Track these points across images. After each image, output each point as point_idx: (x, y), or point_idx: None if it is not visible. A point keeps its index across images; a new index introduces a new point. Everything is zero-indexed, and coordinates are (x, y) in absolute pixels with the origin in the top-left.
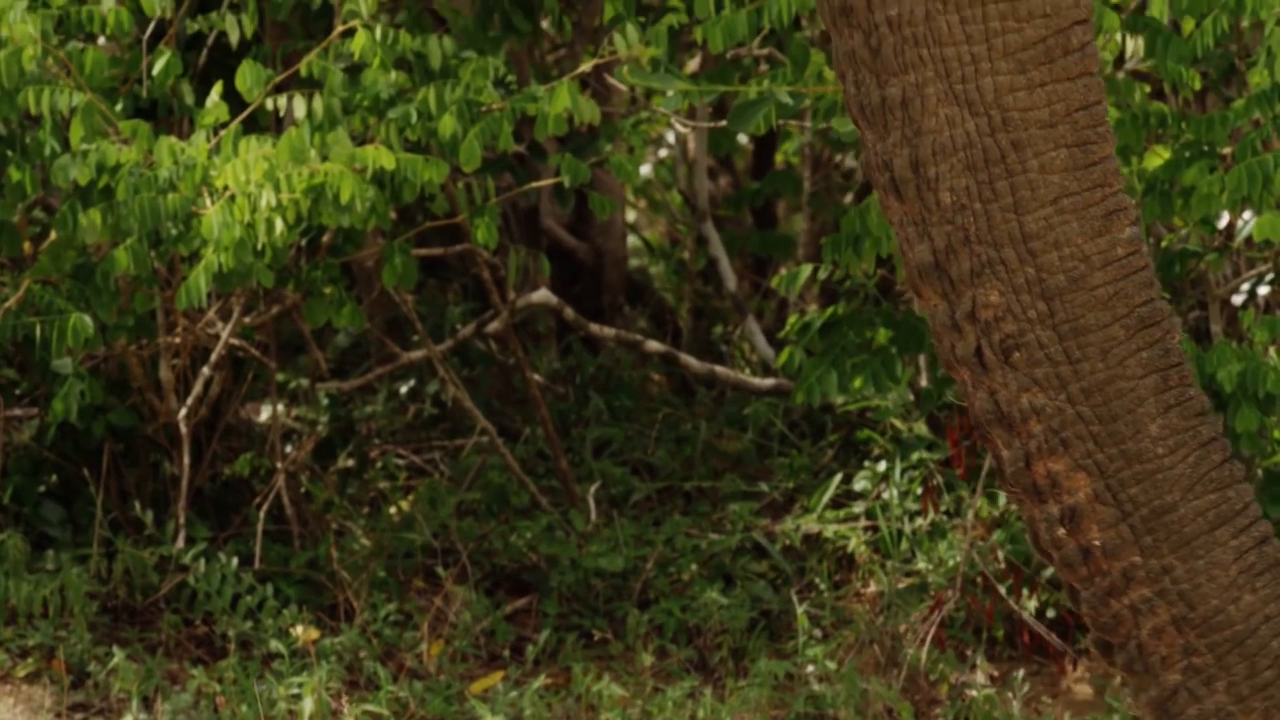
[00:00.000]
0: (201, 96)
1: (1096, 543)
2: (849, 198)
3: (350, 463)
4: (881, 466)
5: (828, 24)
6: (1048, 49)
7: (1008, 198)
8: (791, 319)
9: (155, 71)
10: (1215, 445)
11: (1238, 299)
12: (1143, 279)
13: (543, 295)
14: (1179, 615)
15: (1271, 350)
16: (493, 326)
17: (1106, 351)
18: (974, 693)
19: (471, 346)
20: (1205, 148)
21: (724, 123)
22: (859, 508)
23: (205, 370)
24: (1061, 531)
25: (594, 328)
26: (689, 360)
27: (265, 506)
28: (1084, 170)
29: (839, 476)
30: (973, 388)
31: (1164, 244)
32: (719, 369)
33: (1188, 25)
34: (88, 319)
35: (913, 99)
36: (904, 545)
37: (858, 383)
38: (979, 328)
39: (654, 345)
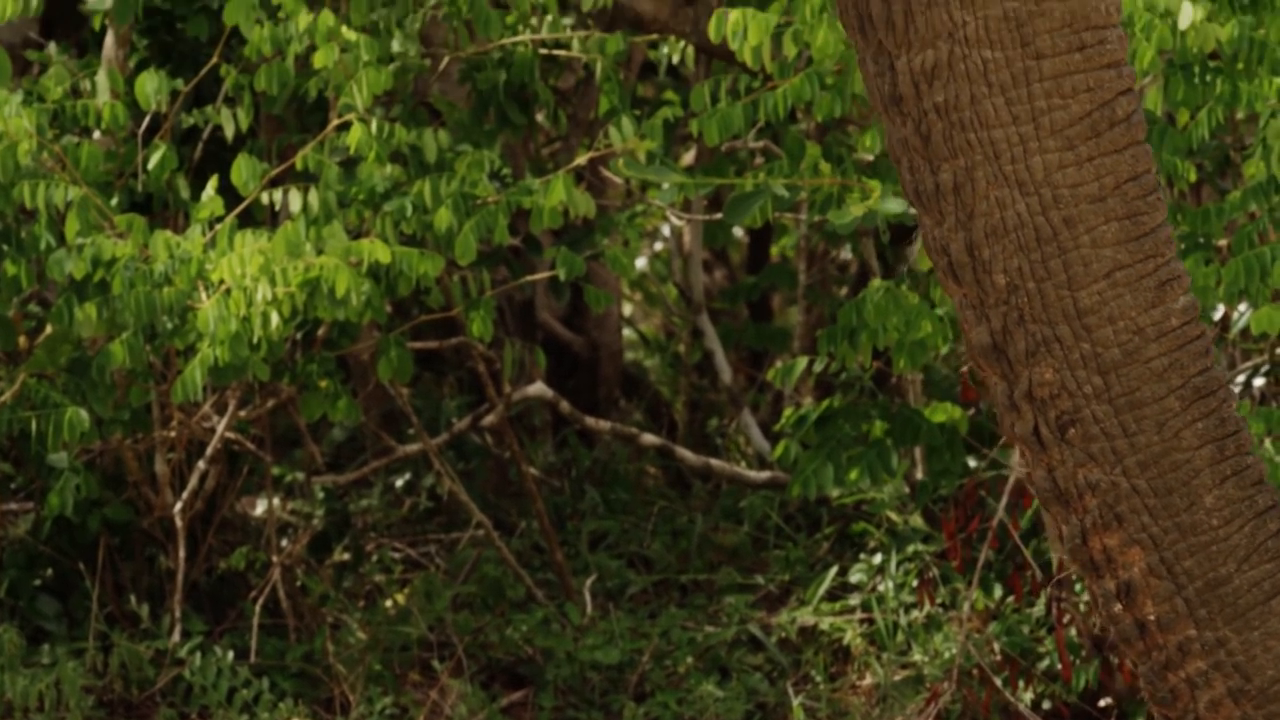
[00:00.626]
0: (197, 190)
1: (1151, 617)
2: (844, 290)
3: (346, 556)
4: (877, 559)
5: (880, 113)
6: (1094, 123)
7: (1061, 275)
8: (787, 412)
9: (150, 166)
10: (1272, 514)
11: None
12: (1197, 348)
13: (538, 388)
14: (1235, 687)
15: (1267, 442)
16: (488, 420)
17: (1162, 424)
18: None
19: (467, 440)
20: (1201, 240)
21: (719, 215)
22: (855, 600)
23: (201, 464)
24: (1118, 607)
25: (589, 421)
26: (685, 453)
27: (261, 600)
28: (1136, 242)
29: (834, 569)
30: (1032, 465)
31: None
32: (714, 462)
33: (1183, 117)
34: (83, 413)
35: (964, 183)
36: (900, 637)
37: (853, 475)
38: (1035, 406)
39: (649, 438)
